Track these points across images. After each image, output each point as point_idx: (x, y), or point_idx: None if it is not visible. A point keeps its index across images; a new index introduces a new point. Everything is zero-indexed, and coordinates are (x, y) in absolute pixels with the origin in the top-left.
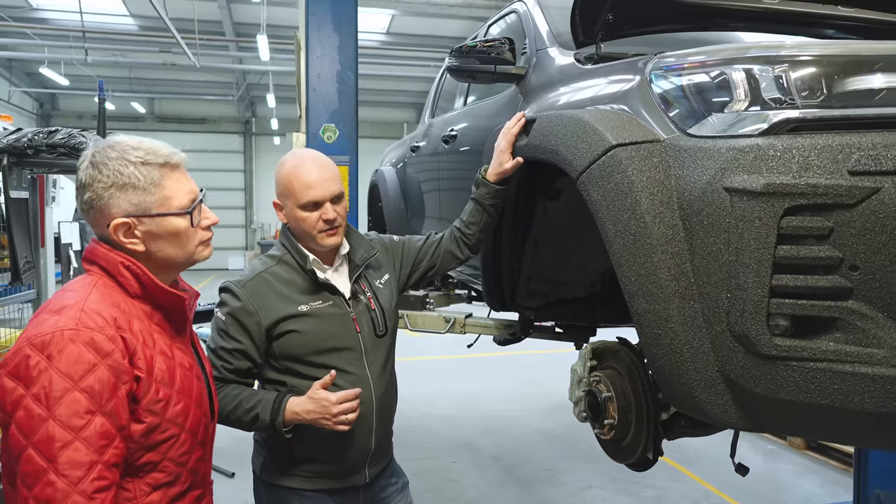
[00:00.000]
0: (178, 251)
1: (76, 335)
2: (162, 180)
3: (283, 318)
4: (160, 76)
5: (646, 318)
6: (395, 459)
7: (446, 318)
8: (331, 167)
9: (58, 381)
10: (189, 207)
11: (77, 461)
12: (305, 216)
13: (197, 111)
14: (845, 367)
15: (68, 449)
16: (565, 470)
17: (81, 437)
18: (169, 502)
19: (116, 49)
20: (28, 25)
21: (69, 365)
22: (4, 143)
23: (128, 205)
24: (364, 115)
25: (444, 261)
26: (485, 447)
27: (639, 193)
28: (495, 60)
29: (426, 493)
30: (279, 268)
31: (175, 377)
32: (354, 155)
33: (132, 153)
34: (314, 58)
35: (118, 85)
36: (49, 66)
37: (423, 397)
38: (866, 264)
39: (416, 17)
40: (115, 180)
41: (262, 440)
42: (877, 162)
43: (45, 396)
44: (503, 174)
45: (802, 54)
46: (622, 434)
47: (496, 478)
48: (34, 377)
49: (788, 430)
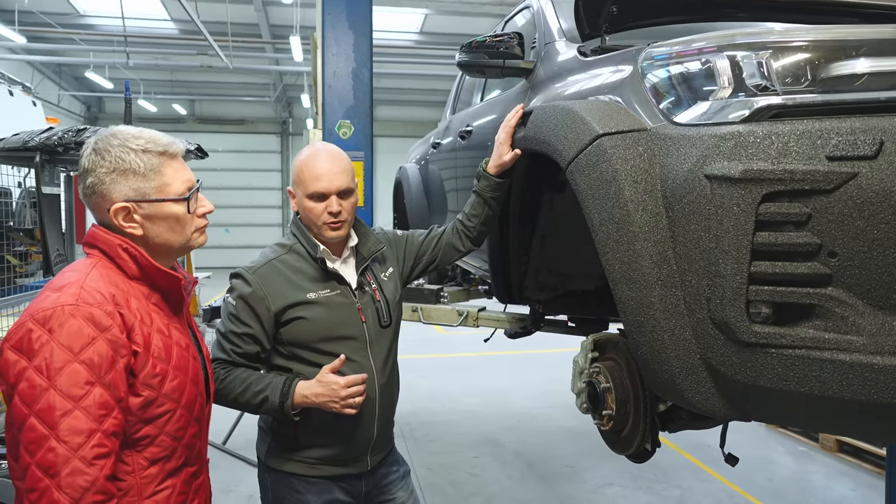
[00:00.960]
0: (175, 236)
1: (76, 310)
2: (161, 167)
3: (291, 305)
4: (200, 78)
5: (628, 306)
6: (397, 448)
7: (459, 311)
8: (343, 162)
9: (58, 353)
10: (186, 195)
11: (77, 428)
12: (312, 206)
13: (235, 112)
14: (823, 354)
15: (69, 417)
16: (587, 467)
17: (81, 407)
18: (165, 476)
19: (158, 53)
20: (74, 32)
21: (69, 338)
22: (37, 141)
23: (128, 190)
24: (397, 114)
25: (446, 254)
26: (508, 443)
27: (622, 182)
28: (504, 55)
29: (446, 488)
30: (289, 256)
31: (171, 354)
32: (369, 150)
33: (133, 141)
34: (330, 56)
35: (160, 87)
36: (94, 71)
37: (450, 393)
38: (845, 251)
39: (449, 15)
40: (117, 166)
41: (266, 427)
42: (854, 147)
43: (47, 368)
44: (503, 166)
45: (785, 40)
46: (621, 425)
47: (517, 473)
48: (36, 350)
49: (771, 419)
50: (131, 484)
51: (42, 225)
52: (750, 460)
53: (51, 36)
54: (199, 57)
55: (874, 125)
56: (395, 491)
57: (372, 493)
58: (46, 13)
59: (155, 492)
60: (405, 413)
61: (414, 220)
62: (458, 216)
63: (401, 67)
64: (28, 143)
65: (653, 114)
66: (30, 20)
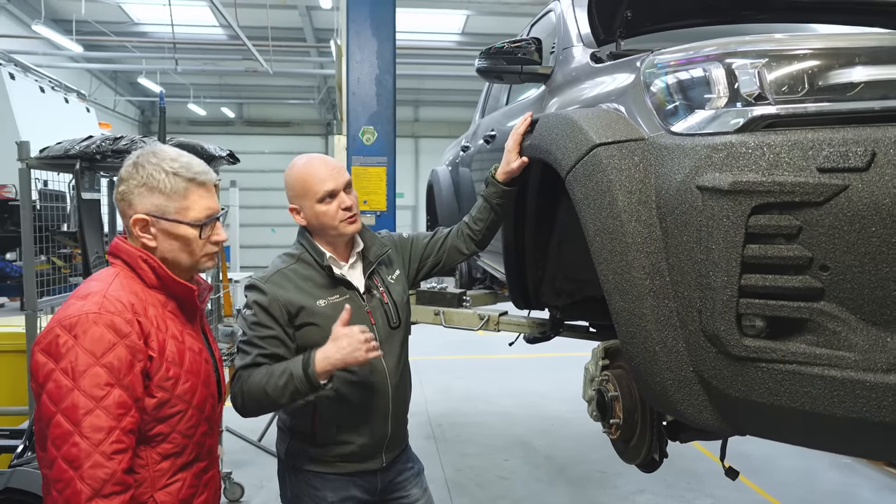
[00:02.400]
0: (185, 256)
1: (99, 318)
2: (186, 192)
3: (302, 309)
4: (247, 82)
5: (622, 316)
6: (410, 446)
7: (480, 315)
8: (335, 162)
9: (82, 357)
10: (202, 221)
11: (98, 426)
12: (325, 209)
13: (282, 115)
14: (814, 369)
15: (91, 415)
16: (620, 473)
17: (102, 406)
18: (177, 470)
19: (206, 58)
20: (127, 39)
21: (92, 343)
22: (77, 149)
23: (150, 205)
24: (441, 114)
25: (450, 256)
26: (539, 447)
27: (616, 192)
28: (521, 61)
29: (473, 489)
30: (298, 265)
31: (184, 358)
32: (392, 156)
33: (168, 163)
34: (354, 62)
35: (209, 91)
36: (146, 77)
37: (485, 395)
38: (836, 264)
39: (491, 16)
40: (147, 182)
41: (285, 427)
42: (845, 158)
43: (72, 370)
44: (510, 174)
45: (780, 49)
46: (629, 434)
47: (546, 477)
48: (63, 353)
49: (765, 434)
50: (145, 476)
51: (82, 228)
52: (789, 470)
53: (105, 44)
54: (244, 62)
55: (867, 136)
56: (410, 488)
57: (387, 490)
58: (102, 22)
59: (167, 484)
60: (437, 414)
61: (444, 221)
62: (464, 219)
63: (444, 69)
64: (69, 151)
65: (652, 123)
66: (86, 29)
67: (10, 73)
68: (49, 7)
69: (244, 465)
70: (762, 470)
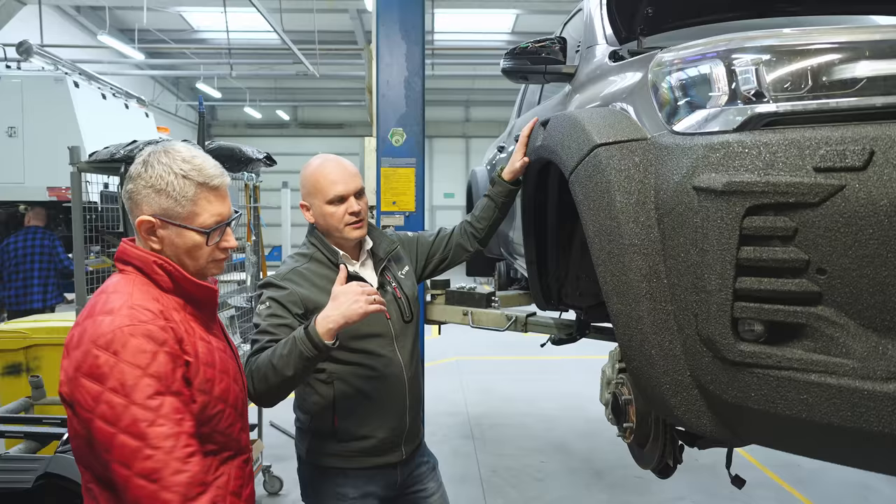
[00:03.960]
0: (190, 262)
1: (134, 329)
2: (196, 197)
3: (319, 306)
4: (301, 85)
5: (619, 319)
6: (425, 441)
7: (508, 316)
8: (351, 167)
9: (128, 371)
10: (210, 228)
11: (165, 434)
12: (332, 211)
13: (335, 117)
14: (810, 376)
15: (155, 426)
16: (659, 479)
17: (161, 415)
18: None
19: (262, 62)
20: (186, 46)
21: (134, 356)
22: (121, 153)
23: (157, 207)
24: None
25: (456, 253)
26: (578, 450)
27: (614, 192)
28: (546, 60)
29: (507, 491)
30: (311, 264)
31: (215, 359)
32: (421, 157)
33: (179, 165)
34: (383, 65)
35: (264, 95)
36: (204, 82)
37: (527, 396)
38: (834, 268)
39: (540, 14)
40: (155, 183)
41: (304, 427)
42: (842, 157)
43: (122, 387)
44: (515, 173)
45: (780, 44)
46: (642, 439)
47: (582, 481)
48: (107, 373)
49: (763, 442)
50: None
51: (126, 228)
52: (841, 483)
53: (166, 51)
54: (295, 66)
55: (865, 134)
56: (427, 482)
57: (406, 484)
58: (162, 30)
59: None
60: (477, 414)
61: None
62: (466, 218)
63: (494, 69)
64: (114, 155)
65: (656, 122)
66: (148, 38)
67: (75, 81)
68: (114, 17)
69: (284, 459)
70: (811, 481)
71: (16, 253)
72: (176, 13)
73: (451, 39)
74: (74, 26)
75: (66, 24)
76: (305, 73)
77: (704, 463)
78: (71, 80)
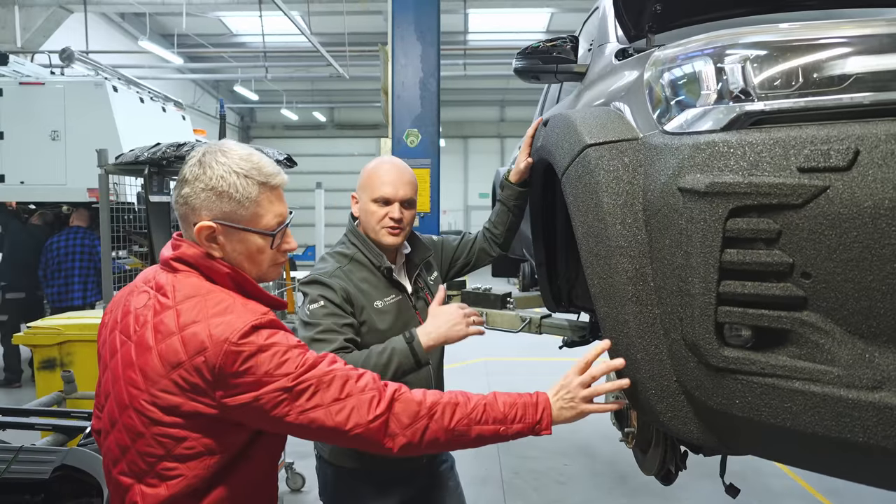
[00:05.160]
0: (252, 266)
1: (260, 321)
2: (258, 197)
3: (363, 308)
4: (338, 87)
5: (605, 322)
6: None
7: (522, 317)
8: (410, 175)
9: (291, 354)
10: (275, 229)
11: (331, 375)
12: (374, 210)
13: (370, 118)
14: (794, 384)
15: (351, 379)
16: (684, 485)
17: (335, 370)
18: None
19: (298, 65)
20: (223, 50)
21: (280, 339)
22: (146, 156)
23: (219, 211)
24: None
25: (479, 258)
26: (603, 453)
27: (602, 193)
28: (557, 60)
29: (529, 493)
30: (352, 266)
31: None
32: (436, 158)
33: (239, 164)
34: (399, 67)
35: (301, 97)
36: (241, 85)
37: None
38: (819, 271)
39: (575, 13)
40: (216, 185)
41: None
42: (826, 157)
43: (277, 365)
44: (521, 175)
45: (767, 40)
46: (644, 444)
47: (605, 485)
48: (261, 361)
49: (751, 451)
50: None
51: (150, 229)
52: (875, 493)
53: (205, 55)
54: (328, 68)
55: (850, 133)
56: (447, 481)
57: (426, 485)
58: (201, 35)
59: None
60: None
61: None
62: (485, 224)
63: None
64: (139, 158)
65: (648, 122)
66: (188, 42)
67: (114, 86)
68: (156, 23)
69: (306, 456)
70: (845, 490)
71: (58, 252)
72: (216, 18)
73: (485, 39)
74: (119, 32)
75: (112, 30)
76: (339, 76)
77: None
78: (110, 85)
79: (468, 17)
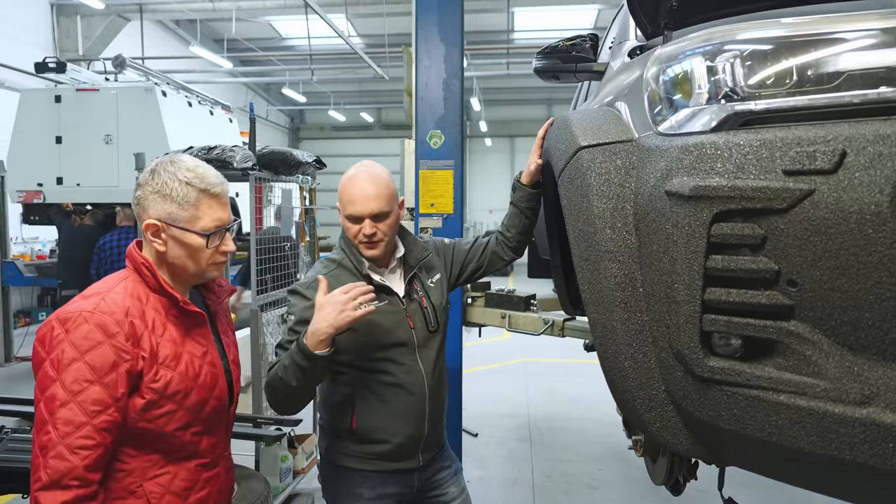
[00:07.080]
0: (191, 263)
1: (90, 316)
2: (197, 202)
3: None
4: (384, 88)
5: (595, 329)
6: (448, 445)
7: (545, 319)
8: (379, 187)
9: (68, 351)
10: (210, 231)
11: (69, 419)
12: (349, 226)
13: None
14: (780, 396)
15: (65, 408)
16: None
17: (77, 401)
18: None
19: (345, 67)
20: (272, 53)
21: (80, 339)
22: None
23: (162, 211)
24: None
25: (491, 262)
26: (638, 458)
27: (592, 197)
28: (575, 59)
29: (559, 497)
30: (339, 271)
31: (180, 362)
32: (459, 159)
33: (183, 173)
34: (422, 68)
35: (349, 98)
36: (289, 87)
37: (590, 400)
38: (805, 279)
39: None
40: (160, 189)
41: (326, 426)
42: (811, 159)
43: (57, 362)
44: (532, 176)
45: (760, 36)
46: (652, 453)
47: (638, 491)
48: (53, 345)
49: (740, 464)
50: (134, 466)
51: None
52: None
53: (254, 59)
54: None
55: (837, 133)
56: (447, 486)
57: (424, 488)
58: (251, 39)
59: (156, 475)
60: (538, 417)
61: None
62: (498, 227)
63: None
64: None
65: (644, 123)
66: (238, 47)
67: (163, 90)
68: (208, 28)
69: None
70: None
71: (111, 251)
72: (265, 22)
73: (531, 38)
74: (175, 39)
75: (167, 37)
76: (383, 77)
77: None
78: (159, 90)
79: (514, 16)
